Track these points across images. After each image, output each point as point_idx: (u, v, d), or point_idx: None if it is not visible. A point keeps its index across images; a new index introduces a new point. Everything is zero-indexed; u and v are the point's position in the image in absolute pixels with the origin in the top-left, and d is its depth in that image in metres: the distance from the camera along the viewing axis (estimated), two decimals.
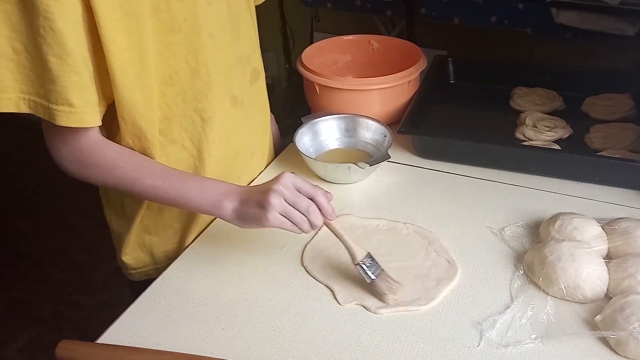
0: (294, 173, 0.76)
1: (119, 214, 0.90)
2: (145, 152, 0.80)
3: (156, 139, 0.80)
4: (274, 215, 0.72)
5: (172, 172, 0.79)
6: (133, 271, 0.93)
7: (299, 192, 0.74)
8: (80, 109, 0.68)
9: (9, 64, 0.66)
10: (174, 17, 0.75)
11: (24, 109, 0.68)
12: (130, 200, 0.87)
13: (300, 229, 0.74)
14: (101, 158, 0.76)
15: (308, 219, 0.74)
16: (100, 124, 0.73)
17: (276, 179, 0.74)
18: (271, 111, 1.05)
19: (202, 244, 0.88)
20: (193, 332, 0.73)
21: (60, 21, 0.64)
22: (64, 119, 0.68)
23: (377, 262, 0.77)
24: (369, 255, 0.76)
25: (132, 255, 0.92)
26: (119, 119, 0.76)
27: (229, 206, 0.75)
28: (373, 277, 0.75)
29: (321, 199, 0.75)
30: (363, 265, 0.75)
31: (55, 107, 0.67)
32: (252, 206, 0.74)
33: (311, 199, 0.75)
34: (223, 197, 0.76)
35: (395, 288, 0.75)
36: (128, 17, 0.70)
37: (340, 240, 0.78)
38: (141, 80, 0.74)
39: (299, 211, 0.73)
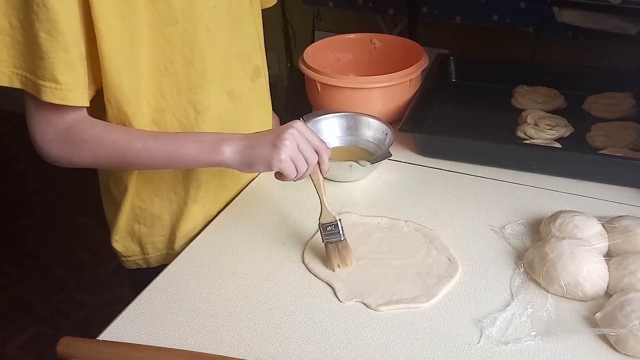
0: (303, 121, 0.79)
1: (109, 200, 0.91)
2: None
3: (142, 126, 0.80)
4: (286, 157, 0.74)
5: (161, 132, 0.79)
6: (123, 259, 0.94)
7: (308, 142, 0.76)
8: (66, 86, 0.69)
9: (5, 39, 0.66)
10: (171, 8, 0.75)
11: (16, 83, 0.69)
12: (116, 184, 0.88)
13: (296, 179, 0.78)
14: (87, 132, 0.75)
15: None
16: (87, 105, 0.73)
17: (288, 124, 0.76)
18: (272, 109, 1.06)
19: (202, 242, 0.89)
20: (194, 329, 0.73)
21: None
22: (49, 95, 0.68)
23: (341, 232, 0.81)
24: (337, 223, 0.81)
25: (122, 242, 0.92)
26: (106, 102, 0.76)
27: (229, 149, 0.75)
28: (325, 240, 0.81)
29: (324, 155, 0.79)
30: (321, 228, 0.81)
31: (42, 82, 0.68)
32: (262, 147, 0.75)
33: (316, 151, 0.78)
34: (221, 142, 0.76)
35: (341, 262, 0.81)
36: (123, 3, 0.71)
37: (318, 197, 0.82)
38: (130, 67, 0.75)
39: (305, 160, 0.76)
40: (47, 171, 2.54)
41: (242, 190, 0.99)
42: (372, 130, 1.07)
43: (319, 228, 0.82)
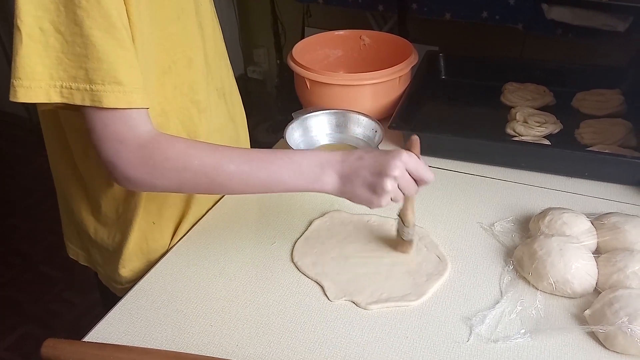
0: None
1: (111, 223, 0.84)
2: None
3: None
4: (386, 202, 0.69)
5: (250, 153, 0.71)
6: (128, 285, 0.85)
7: (410, 173, 0.69)
8: (129, 87, 0.62)
9: (36, 47, 0.59)
10: (175, 6, 0.74)
11: (55, 97, 0.61)
12: (127, 205, 0.82)
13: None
14: (170, 149, 0.67)
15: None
16: (149, 106, 0.67)
17: (393, 157, 0.68)
18: (263, 107, 1.06)
19: (190, 241, 0.88)
20: (181, 330, 0.72)
21: None
22: (112, 100, 0.61)
23: (412, 234, 0.81)
24: (414, 230, 0.81)
25: (129, 267, 0.85)
26: None
27: (330, 180, 0.69)
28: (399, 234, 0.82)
29: (427, 182, 0.71)
30: (401, 224, 0.80)
31: (100, 87, 0.61)
32: (361, 187, 0.68)
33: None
34: (320, 172, 0.69)
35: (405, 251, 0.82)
36: (151, 4, 0.68)
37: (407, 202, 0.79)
38: (150, 70, 0.72)
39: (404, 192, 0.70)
40: (36, 170, 2.53)
41: None
42: (362, 127, 1.07)
43: (399, 221, 0.81)
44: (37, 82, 0.60)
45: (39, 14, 0.59)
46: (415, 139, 0.77)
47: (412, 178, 0.70)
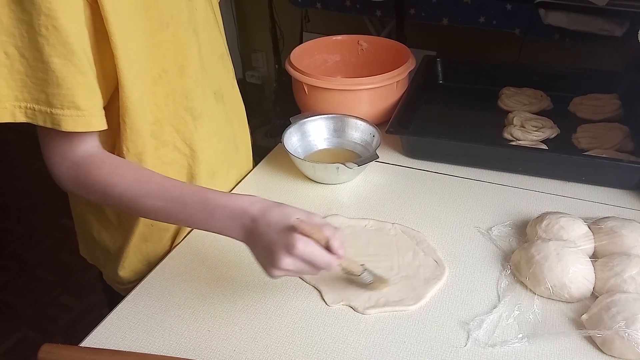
0: (302, 221, 0.64)
1: (113, 227, 0.86)
2: (140, 158, 0.77)
3: (148, 141, 0.77)
4: (278, 277, 0.67)
5: (170, 188, 0.70)
6: (130, 285, 0.86)
7: (310, 262, 0.65)
8: (88, 111, 0.65)
9: (1, 70, 0.62)
10: (163, 14, 0.73)
11: (20, 118, 0.64)
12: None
13: None
14: (97, 173, 0.70)
15: None
16: (107, 127, 0.69)
17: (283, 250, 0.63)
18: (261, 111, 1.05)
19: (187, 246, 0.88)
20: (178, 335, 0.72)
21: (64, 18, 0.60)
22: (71, 124, 0.65)
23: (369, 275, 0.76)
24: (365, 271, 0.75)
25: (129, 268, 0.87)
26: (121, 122, 0.73)
27: (238, 234, 0.68)
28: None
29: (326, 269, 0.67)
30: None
31: (59, 111, 0.64)
32: (259, 254, 0.67)
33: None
34: (230, 224, 0.68)
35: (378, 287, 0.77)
36: (135, 15, 0.69)
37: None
38: (140, 80, 0.72)
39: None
40: (31, 173, 2.52)
41: (231, 190, 0.99)
42: (359, 132, 1.07)
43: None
44: (2, 103, 0.63)
45: (3, 39, 0.61)
46: (301, 223, 0.64)
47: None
